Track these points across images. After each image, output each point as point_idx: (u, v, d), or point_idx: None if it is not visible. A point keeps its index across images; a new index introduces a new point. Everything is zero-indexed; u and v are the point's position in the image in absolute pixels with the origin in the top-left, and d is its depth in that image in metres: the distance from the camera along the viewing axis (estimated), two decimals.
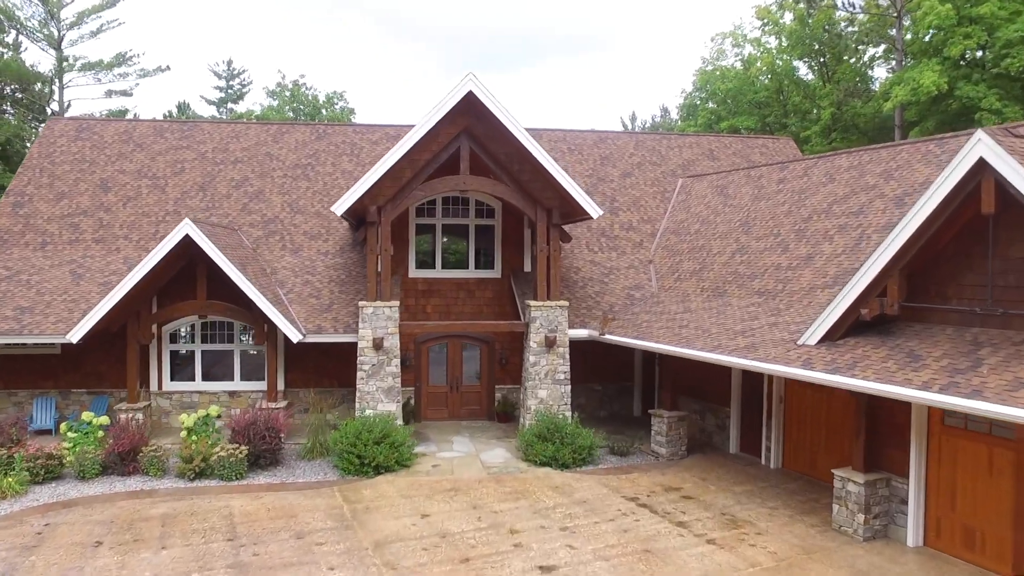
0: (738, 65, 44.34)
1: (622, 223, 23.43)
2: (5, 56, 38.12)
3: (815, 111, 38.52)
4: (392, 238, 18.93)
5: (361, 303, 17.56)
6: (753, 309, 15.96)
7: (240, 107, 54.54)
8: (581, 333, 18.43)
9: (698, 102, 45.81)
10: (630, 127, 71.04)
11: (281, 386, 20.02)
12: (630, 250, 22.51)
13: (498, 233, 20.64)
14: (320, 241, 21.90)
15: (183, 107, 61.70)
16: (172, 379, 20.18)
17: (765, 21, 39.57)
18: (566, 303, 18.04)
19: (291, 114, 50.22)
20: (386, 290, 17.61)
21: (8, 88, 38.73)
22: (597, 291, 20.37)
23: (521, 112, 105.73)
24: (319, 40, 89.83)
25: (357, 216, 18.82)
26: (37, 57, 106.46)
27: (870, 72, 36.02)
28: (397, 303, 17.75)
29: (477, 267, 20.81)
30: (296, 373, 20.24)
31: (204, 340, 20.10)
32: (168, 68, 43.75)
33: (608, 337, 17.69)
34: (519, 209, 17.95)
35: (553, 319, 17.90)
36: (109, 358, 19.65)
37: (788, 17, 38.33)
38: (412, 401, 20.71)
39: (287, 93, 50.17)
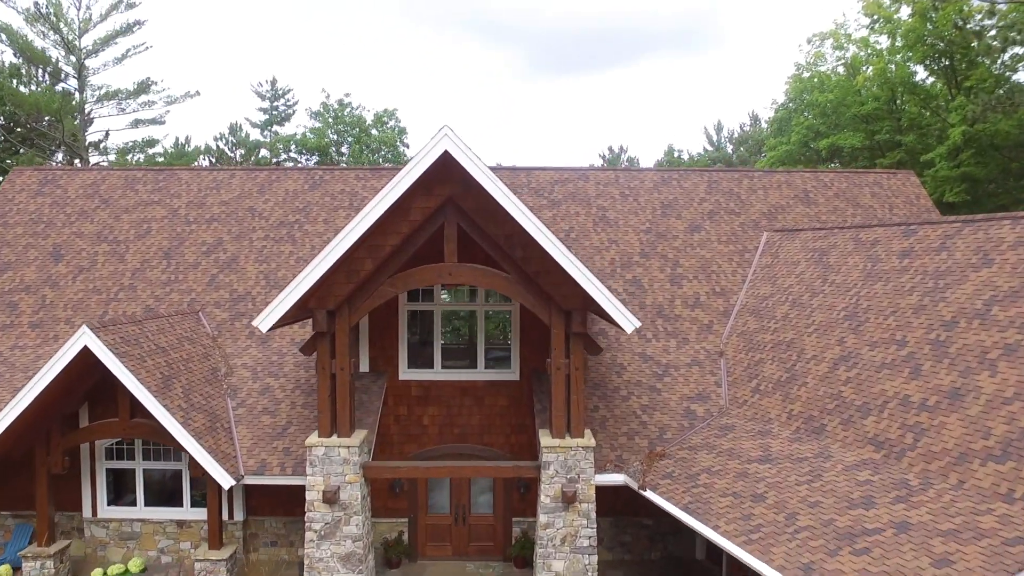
0: (840, 70, 37.93)
1: (686, 297, 18.24)
2: (27, 89, 36.31)
3: (938, 126, 31.86)
4: (378, 328, 14.68)
5: (310, 441, 13.18)
6: (867, 476, 10.65)
7: (286, 129, 51.95)
8: (614, 479, 13.47)
9: (792, 114, 39.57)
10: (715, 138, 64.72)
11: (240, 515, 15.94)
12: (695, 336, 17.31)
13: (515, 322, 15.94)
14: (297, 326, 17.73)
15: (235, 128, 59.81)
16: (110, 503, 16.42)
17: (875, 17, 33.19)
18: (591, 442, 13.07)
19: (335, 136, 46.96)
20: (344, 422, 13.17)
21: (29, 123, 36.82)
22: (646, 404, 15.31)
23: (600, 118, 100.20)
24: (382, 52, 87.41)
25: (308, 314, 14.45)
26: (60, 88, 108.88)
27: (1013, 77, 29.22)
28: (359, 440, 13.27)
29: (488, 366, 16.20)
30: (261, 498, 16.11)
31: (146, 456, 16.26)
32: (198, 93, 41.26)
33: (650, 495, 12.63)
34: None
35: (573, 465, 12.99)
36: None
37: (905, 12, 31.88)
38: (405, 536, 16.29)
39: (329, 115, 46.92)
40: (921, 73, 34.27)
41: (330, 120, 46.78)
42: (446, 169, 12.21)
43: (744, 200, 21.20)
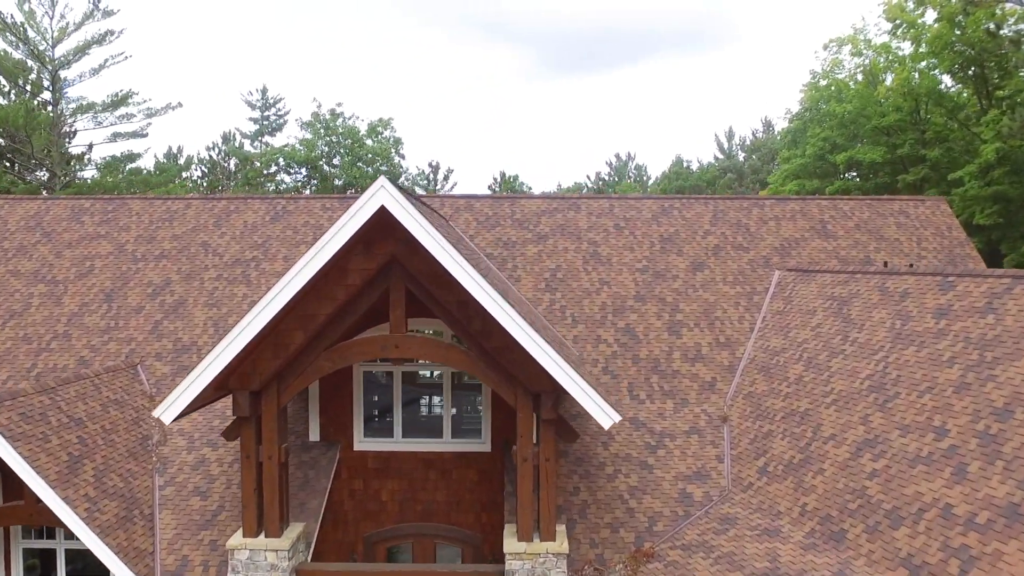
0: (859, 78, 35.65)
1: (686, 349, 16.13)
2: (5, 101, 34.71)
3: (967, 139, 29.56)
4: (329, 392, 12.85)
5: (232, 543, 11.18)
6: None
7: (277, 139, 50.24)
8: None
9: (807, 125, 37.30)
10: (726, 146, 62.44)
11: None
12: (695, 396, 15.21)
13: (486, 387, 13.89)
14: None
15: (228, 137, 58.21)
16: None
17: (897, 22, 30.90)
18: (564, 548, 10.98)
19: (325, 148, 45.14)
20: (273, 518, 11.18)
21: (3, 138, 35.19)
22: (635, 485, 13.22)
23: (610, 120, 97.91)
24: (382, 57, 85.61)
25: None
26: (37, 101, 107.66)
27: None
28: (292, 538, 11.26)
29: (456, 435, 14.18)
30: None
31: (69, 535, 14.30)
32: (180, 105, 39.51)
33: None
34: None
35: (541, 574, 10.91)
36: None
37: (930, 16, 29.58)
38: None
39: (320, 125, 45.06)
40: (946, 81, 31.96)
41: (321, 131, 44.94)
42: (388, 225, 10.19)
43: (753, 232, 19.06)
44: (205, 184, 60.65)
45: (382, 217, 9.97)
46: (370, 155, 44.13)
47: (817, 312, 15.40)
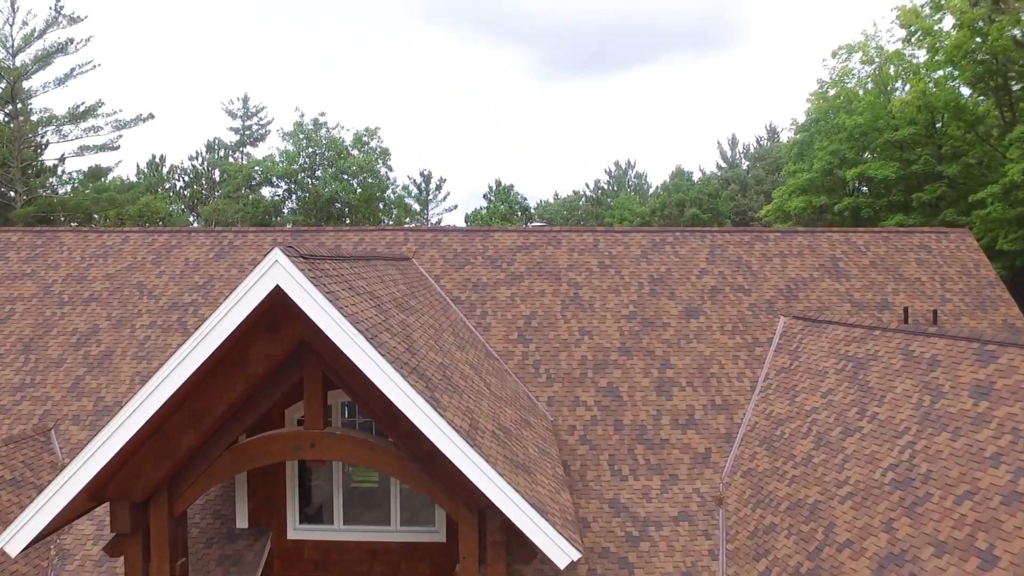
0: (870, 86, 33.59)
1: (677, 413, 14.10)
2: None
3: (987, 156, 27.46)
4: (260, 472, 10.94)
5: None
6: None
7: (260, 150, 48.35)
8: None
9: (814, 137, 35.21)
10: (729, 154, 60.34)
11: None
12: (686, 471, 13.18)
13: None
14: None
15: (212, 146, 56.35)
16: None
17: (913, 28, 28.82)
18: None
19: (305, 161, 43.16)
20: None
21: None
22: None
23: (611, 124, 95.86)
24: (375, 59, 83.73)
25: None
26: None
27: None
28: None
29: (405, 522, 12.15)
30: None
31: None
32: (151, 116, 37.62)
33: None
34: None
35: None
36: None
37: (949, 22, 27.52)
38: None
39: (302, 136, 43.06)
40: (965, 92, 29.85)
41: (303, 142, 42.96)
42: (293, 303, 8.18)
43: (756, 271, 17.01)
44: (188, 194, 58.81)
45: (282, 296, 7.97)
46: (354, 168, 42.13)
47: (829, 374, 13.34)
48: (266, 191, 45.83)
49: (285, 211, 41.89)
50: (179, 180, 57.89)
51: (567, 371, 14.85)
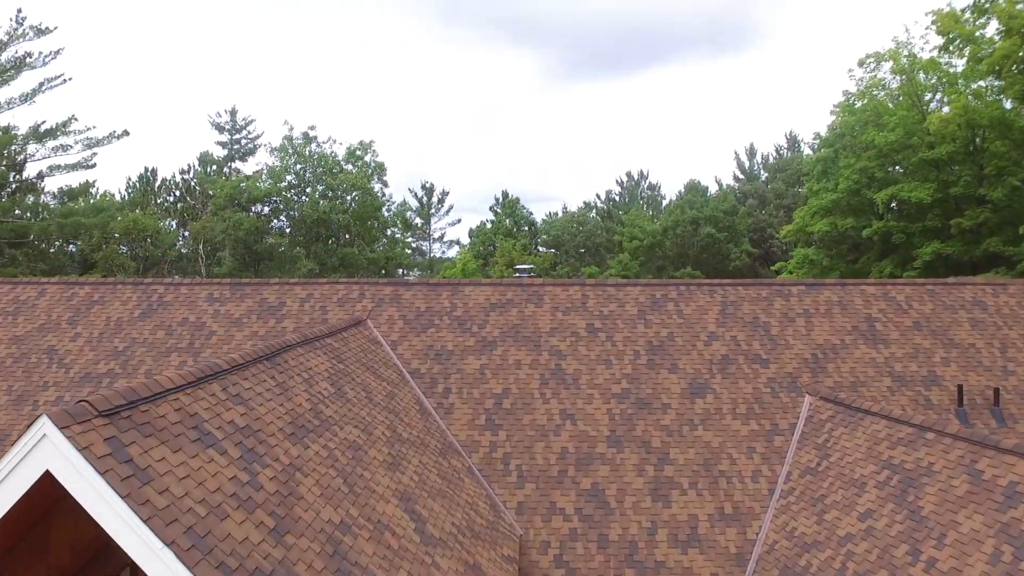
0: (900, 97, 30.67)
1: (676, 525, 11.43)
2: None
3: None
4: None
5: None
6: None
7: (248, 166, 46.14)
8: None
9: (839, 153, 32.31)
10: (747, 165, 57.44)
11: None
12: None
13: None
14: None
15: (205, 159, 54.22)
16: None
17: (951, 35, 25.93)
18: None
19: (293, 178, 40.81)
20: None
21: None
22: None
23: (624, 129, 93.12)
24: (370, 63, 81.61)
25: None
26: None
27: None
28: None
29: None
30: None
31: None
32: (126, 133, 35.46)
33: None
34: None
35: None
36: None
37: (992, 28, 24.62)
38: None
39: (290, 151, 40.69)
40: (1007, 106, 26.88)
41: (291, 159, 40.62)
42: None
43: (776, 336, 14.29)
44: (180, 208, 56.74)
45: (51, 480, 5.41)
46: (344, 187, 39.74)
47: (868, 487, 10.62)
48: (257, 207, 43.51)
49: (271, 232, 39.57)
50: (170, 195, 55.88)
51: (543, 468, 12.23)
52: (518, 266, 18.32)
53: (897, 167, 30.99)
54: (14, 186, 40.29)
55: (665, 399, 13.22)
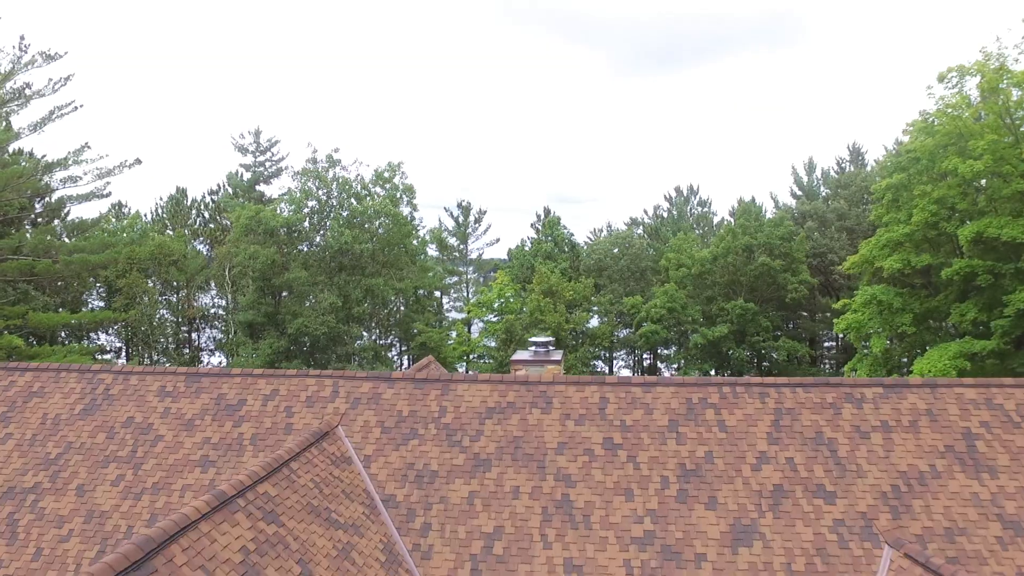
0: (983, 116, 27.01)
1: None
2: None
3: None
4: None
5: None
6: None
7: (272, 188, 44.52)
8: None
9: (912, 179, 28.73)
10: (805, 180, 53.50)
11: None
12: None
13: None
14: None
15: (233, 177, 52.95)
16: None
17: None
18: None
19: (315, 204, 38.85)
20: None
21: None
22: None
23: (669, 141, 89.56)
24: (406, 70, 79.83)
25: None
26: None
27: None
28: None
29: None
30: None
31: None
32: (139, 162, 33.84)
33: None
34: None
35: None
36: None
37: None
38: None
39: (312, 175, 38.70)
40: None
41: (313, 185, 38.67)
42: None
43: (844, 458, 11.35)
44: (209, 230, 55.65)
45: None
46: (368, 215, 37.57)
47: None
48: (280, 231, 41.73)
49: (291, 264, 37.65)
50: (199, 216, 54.85)
51: None
52: (533, 339, 15.66)
53: (983, 198, 27.33)
54: (32, 218, 39.40)
55: (699, 547, 10.44)
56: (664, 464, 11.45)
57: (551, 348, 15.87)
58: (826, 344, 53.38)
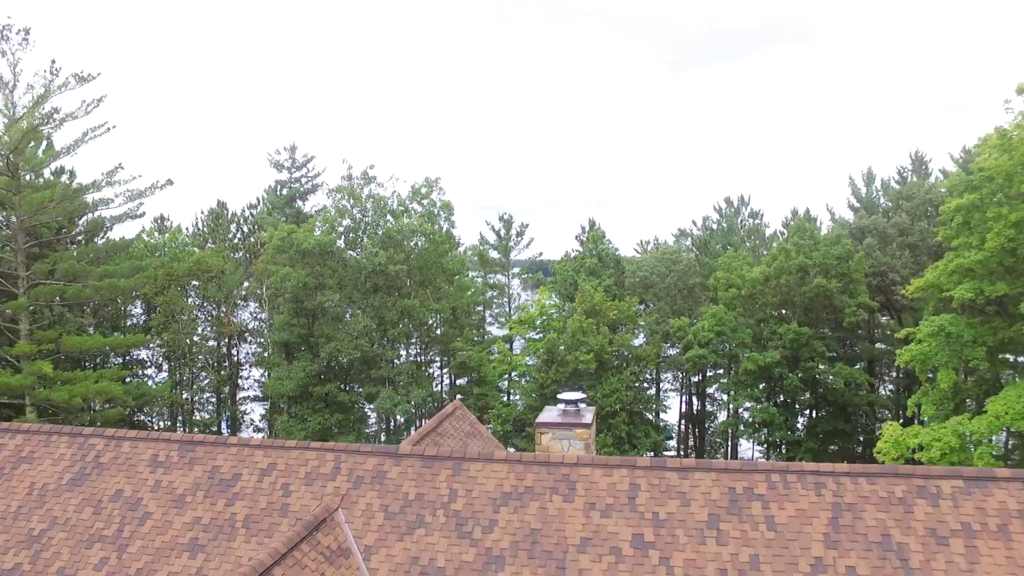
0: None
1: None
2: None
3: None
4: None
5: None
6: None
7: (308, 204, 43.97)
8: None
9: (986, 200, 26.50)
10: (864, 192, 50.79)
11: None
12: None
13: None
14: None
15: (273, 191, 52.71)
16: None
17: None
18: None
19: (350, 223, 38.08)
20: None
21: None
22: None
23: (718, 148, 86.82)
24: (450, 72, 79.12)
25: None
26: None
27: None
28: None
29: None
30: None
31: None
32: (171, 183, 33.50)
33: None
34: None
35: None
36: None
37: None
38: None
39: (344, 195, 37.91)
40: None
41: (346, 203, 37.91)
42: None
43: (917, 569, 9.72)
44: (248, 244, 55.57)
45: None
46: (403, 233, 36.66)
47: None
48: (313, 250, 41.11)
49: (324, 286, 37.01)
50: (238, 231, 54.80)
51: None
52: (562, 396, 14.35)
53: None
54: (74, 236, 39.45)
55: None
56: (702, 569, 9.99)
57: (581, 407, 14.48)
58: (886, 366, 50.61)
